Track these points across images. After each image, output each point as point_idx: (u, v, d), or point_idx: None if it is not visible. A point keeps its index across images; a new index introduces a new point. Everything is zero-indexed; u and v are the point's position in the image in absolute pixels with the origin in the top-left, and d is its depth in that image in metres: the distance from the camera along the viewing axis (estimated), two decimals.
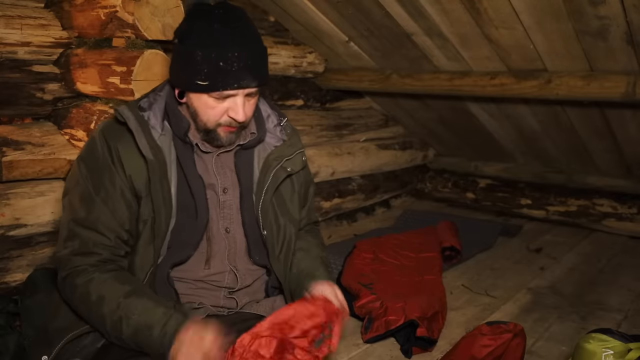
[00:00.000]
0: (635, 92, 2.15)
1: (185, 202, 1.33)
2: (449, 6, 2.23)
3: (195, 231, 1.34)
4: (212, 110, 1.25)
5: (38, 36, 1.92)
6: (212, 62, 1.19)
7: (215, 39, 1.20)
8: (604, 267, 2.70)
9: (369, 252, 2.54)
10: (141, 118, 1.29)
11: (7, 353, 1.67)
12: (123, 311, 1.18)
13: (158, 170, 1.28)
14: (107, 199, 1.27)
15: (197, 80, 1.21)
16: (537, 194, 3.53)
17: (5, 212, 1.88)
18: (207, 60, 1.19)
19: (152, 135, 1.29)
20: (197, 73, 1.20)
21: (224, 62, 1.19)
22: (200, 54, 1.19)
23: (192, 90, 1.25)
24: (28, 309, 1.76)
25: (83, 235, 1.26)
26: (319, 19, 2.73)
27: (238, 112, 1.25)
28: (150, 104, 1.32)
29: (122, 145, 1.28)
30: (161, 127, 1.31)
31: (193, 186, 1.33)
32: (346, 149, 3.30)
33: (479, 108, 3.08)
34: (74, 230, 1.27)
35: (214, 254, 1.38)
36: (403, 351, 1.80)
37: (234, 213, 1.39)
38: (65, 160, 1.98)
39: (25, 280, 1.88)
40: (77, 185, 1.30)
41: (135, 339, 1.18)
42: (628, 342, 1.50)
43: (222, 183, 1.38)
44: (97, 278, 1.23)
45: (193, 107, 1.28)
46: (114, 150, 1.28)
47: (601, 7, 1.90)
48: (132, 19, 1.68)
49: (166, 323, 1.16)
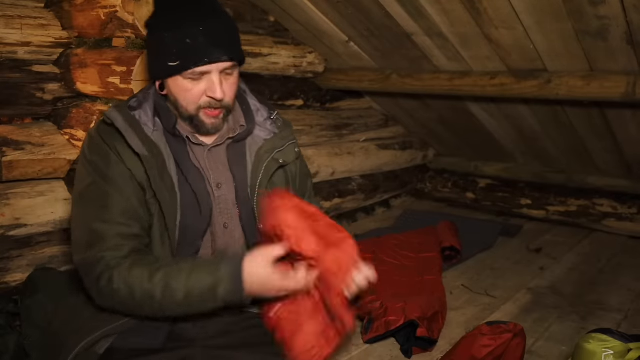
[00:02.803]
0: (635, 92, 2.15)
1: (187, 197, 1.32)
2: (449, 6, 2.23)
3: (201, 225, 1.34)
4: (190, 93, 1.25)
5: (38, 36, 1.92)
6: (179, 41, 1.20)
7: (179, 18, 1.21)
8: (604, 267, 2.70)
9: (369, 252, 2.54)
10: (131, 117, 1.29)
11: (7, 353, 1.67)
12: (176, 290, 1.18)
13: (156, 165, 1.27)
14: (120, 189, 1.26)
15: (168, 62, 1.21)
16: (537, 194, 3.53)
17: (5, 212, 1.88)
18: (174, 41, 1.20)
19: (145, 132, 1.29)
20: (167, 55, 1.21)
21: (191, 39, 1.19)
22: (167, 35, 1.20)
23: (166, 75, 1.26)
24: (28, 309, 1.76)
25: (107, 231, 1.24)
26: (319, 19, 2.73)
27: (215, 90, 1.24)
28: (140, 103, 1.32)
29: (118, 143, 1.28)
30: (153, 123, 1.31)
31: (192, 180, 1.33)
32: (346, 149, 3.31)
33: (479, 108, 3.08)
34: (96, 229, 1.25)
35: (218, 247, 1.38)
36: (403, 351, 1.80)
37: (230, 208, 1.39)
38: (65, 160, 1.98)
39: (25, 280, 1.89)
40: (88, 185, 1.28)
41: (200, 307, 1.20)
42: (628, 342, 1.50)
43: (216, 178, 1.37)
44: (135, 268, 1.22)
45: (173, 95, 1.28)
46: (112, 147, 1.28)
47: (601, 7, 1.90)
48: (132, 19, 1.68)
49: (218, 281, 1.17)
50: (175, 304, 1.19)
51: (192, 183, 1.32)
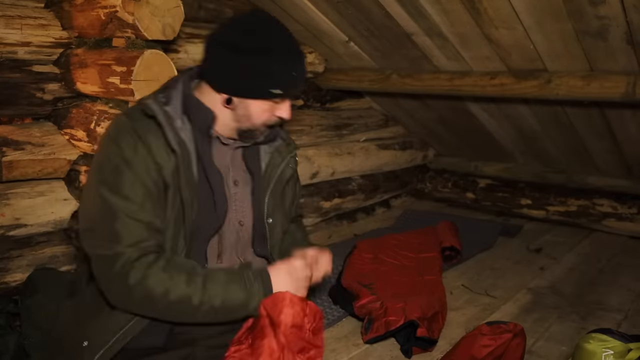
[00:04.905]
0: (635, 92, 2.15)
1: (204, 195, 1.34)
2: (449, 6, 2.23)
3: (215, 224, 1.37)
4: (267, 112, 1.34)
5: (38, 36, 1.92)
6: (286, 73, 1.29)
7: (289, 51, 1.30)
8: (604, 267, 2.70)
9: (369, 252, 2.54)
10: (167, 113, 1.30)
11: (7, 353, 1.67)
12: (214, 297, 1.23)
13: (183, 163, 1.29)
14: (144, 182, 1.25)
15: (270, 89, 1.29)
16: (537, 194, 3.53)
17: (5, 212, 1.88)
18: (282, 73, 1.28)
19: (176, 128, 1.30)
20: (271, 83, 1.28)
21: (294, 71, 1.30)
22: (276, 66, 1.27)
23: (262, 98, 1.31)
24: (28, 309, 1.76)
25: (130, 224, 1.22)
26: (319, 19, 2.73)
27: (288, 112, 1.36)
28: (169, 99, 1.33)
29: (151, 136, 1.27)
30: (182, 120, 1.32)
31: (212, 179, 1.35)
32: (346, 149, 3.31)
33: (479, 108, 3.08)
34: (119, 221, 1.22)
35: (225, 247, 1.41)
36: (403, 351, 1.80)
37: (245, 206, 1.43)
38: (65, 160, 1.98)
39: (25, 280, 1.89)
40: (112, 173, 1.25)
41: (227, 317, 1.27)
42: (628, 342, 1.50)
43: (234, 175, 1.42)
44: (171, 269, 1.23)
45: (246, 112, 1.33)
46: (143, 139, 1.26)
47: (601, 7, 1.90)
48: (132, 19, 1.68)
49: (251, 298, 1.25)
50: (208, 312, 1.24)
51: (212, 181, 1.35)
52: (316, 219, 3.20)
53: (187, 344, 1.27)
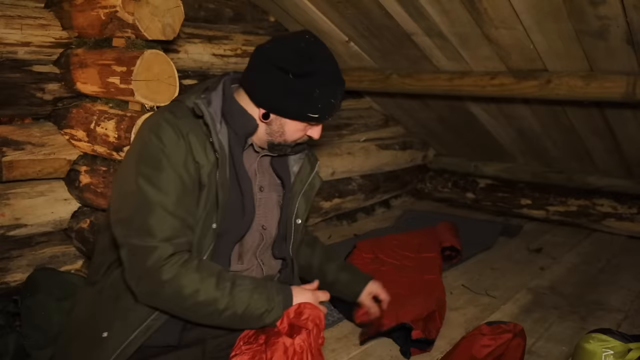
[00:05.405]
0: (635, 92, 2.15)
1: (233, 199, 1.36)
2: (449, 6, 2.23)
3: (239, 229, 1.39)
4: (301, 132, 1.38)
5: (38, 36, 1.92)
6: (325, 98, 1.32)
7: (333, 79, 1.33)
8: (604, 267, 2.70)
9: (369, 252, 2.54)
10: (210, 114, 1.31)
11: (7, 353, 1.67)
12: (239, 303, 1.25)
13: (221, 165, 1.30)
14: (182, 179, 1.25)
15: (309, 113, 1.32)
16: (537, 194, 3.53)
17: (5, 212, 1.88)
18: (322, 97, 1.31)
19: (217, 130, 1.32)
20: (311, 107, 1.32)
21: (334, 98, 1.34)
22: (319, 91, 1.30)
23: (299, 120, 1.35)
24: (28, 309, 1.76)
25: (166, 218, 1.22)
26: (319, 19, 2.73)
27: (319, 134, 1.43)
28: (209, 102, 1.35)
29: (195, 135, 1.28)
30: (220, 123, 1.34)
31: (243, 184, 1.37)
32: (346, 149, 3.31)
33: (479, 108, 3.08)
34: (155, 214, 1.21)
35: (246, 250, 1.43)
36: (402, 352, 1.80)
37: (268, 211, 1.47)
38: (65, 160, 1.98)
39: (25, 280, 1.89)
40: (151, 163, 1.24)
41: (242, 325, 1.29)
42: (628, 342, 1.50)
43: (260, 181, 1.46)
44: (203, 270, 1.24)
45: (280, 128, 1.36)
46: (185, 137, 1.27)
47: (601, 7, 1.90)
48: (132, 19, 1.68)
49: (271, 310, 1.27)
50: (229, 317, 1.25)
51: (243, 186, 1.37)
52: (316, 219, 3.20)
53: (198, 342, 1.29)
